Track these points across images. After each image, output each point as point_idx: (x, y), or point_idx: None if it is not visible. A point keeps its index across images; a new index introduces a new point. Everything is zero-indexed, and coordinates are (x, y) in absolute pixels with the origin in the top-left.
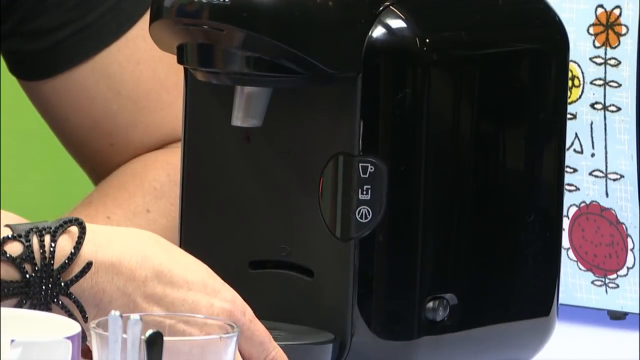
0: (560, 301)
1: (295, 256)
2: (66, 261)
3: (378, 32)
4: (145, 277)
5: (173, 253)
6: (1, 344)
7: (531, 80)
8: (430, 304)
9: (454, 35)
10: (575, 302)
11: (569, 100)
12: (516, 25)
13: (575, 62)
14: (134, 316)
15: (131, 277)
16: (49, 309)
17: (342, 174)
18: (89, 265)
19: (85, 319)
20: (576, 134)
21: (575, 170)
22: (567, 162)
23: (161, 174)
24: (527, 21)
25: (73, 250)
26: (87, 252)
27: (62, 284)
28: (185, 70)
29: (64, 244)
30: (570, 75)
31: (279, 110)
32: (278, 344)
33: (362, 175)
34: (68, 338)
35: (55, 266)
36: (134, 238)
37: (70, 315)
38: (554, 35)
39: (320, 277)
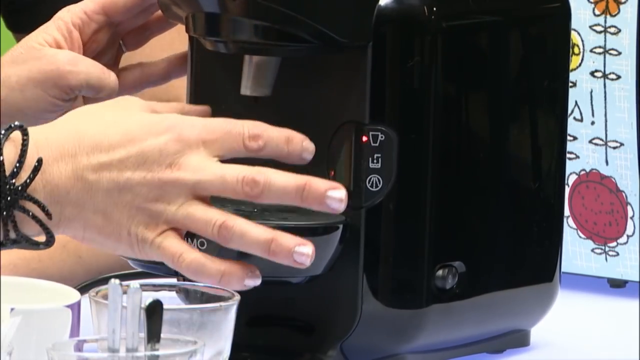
0: None
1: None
2: (16, 166)
3: (387, 0)
4: (87, 154)
5: (105, 116)
6: (1, 312)
7: (535, 48)
8: (440, 272)
9: (462, 4)
10: (576, 270)
11: None
12: None
13: (575, 30)
14: (134, 284)
15: (75, 161)
16: (12, 218)
17: (353, 142)
18: (39, 162)
19: (50, 217)
20: (576, 102)
21: (575, 138)
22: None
23: None
24: None
25: (19, 156)
26: (31, 154)
27: (19, 187)
28: (191, 38)
29: (9, 151)
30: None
31: (289, 79)
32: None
33: (372, 144)
34: (68, 306)
35: (7, 173)
36: (65, 122)
37: (34, 217)
38: (556, 3)
39: None
